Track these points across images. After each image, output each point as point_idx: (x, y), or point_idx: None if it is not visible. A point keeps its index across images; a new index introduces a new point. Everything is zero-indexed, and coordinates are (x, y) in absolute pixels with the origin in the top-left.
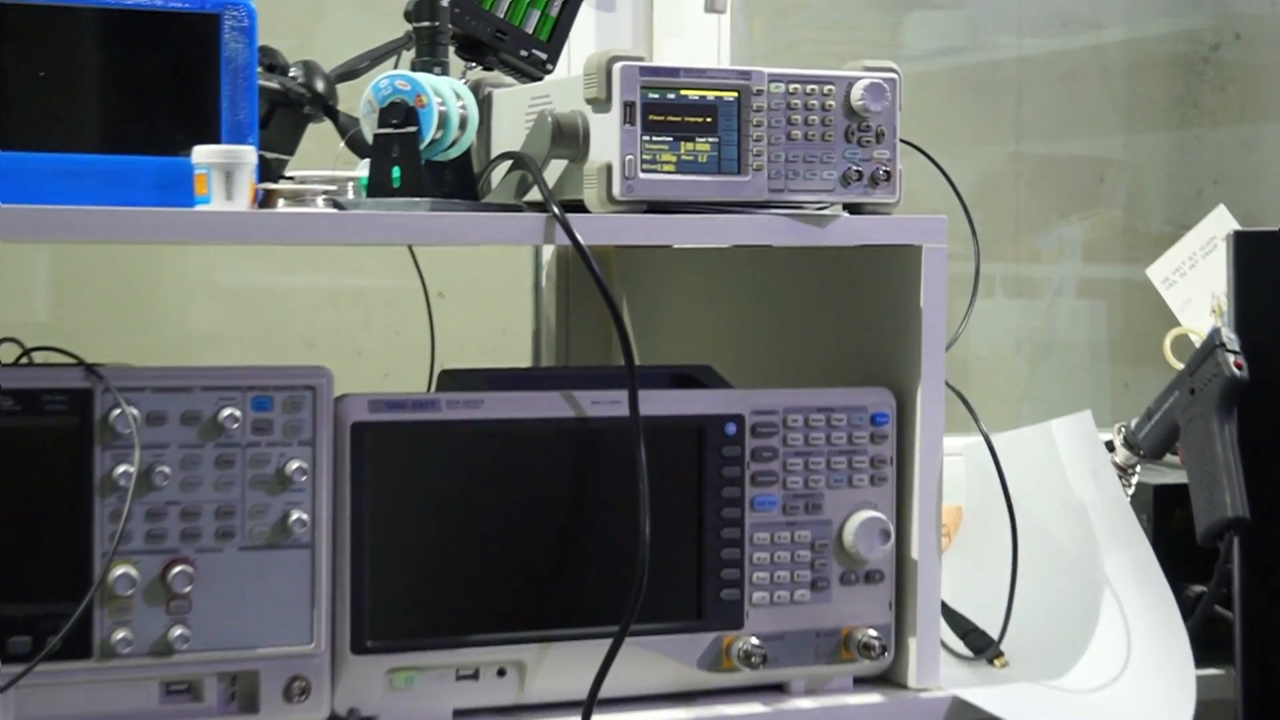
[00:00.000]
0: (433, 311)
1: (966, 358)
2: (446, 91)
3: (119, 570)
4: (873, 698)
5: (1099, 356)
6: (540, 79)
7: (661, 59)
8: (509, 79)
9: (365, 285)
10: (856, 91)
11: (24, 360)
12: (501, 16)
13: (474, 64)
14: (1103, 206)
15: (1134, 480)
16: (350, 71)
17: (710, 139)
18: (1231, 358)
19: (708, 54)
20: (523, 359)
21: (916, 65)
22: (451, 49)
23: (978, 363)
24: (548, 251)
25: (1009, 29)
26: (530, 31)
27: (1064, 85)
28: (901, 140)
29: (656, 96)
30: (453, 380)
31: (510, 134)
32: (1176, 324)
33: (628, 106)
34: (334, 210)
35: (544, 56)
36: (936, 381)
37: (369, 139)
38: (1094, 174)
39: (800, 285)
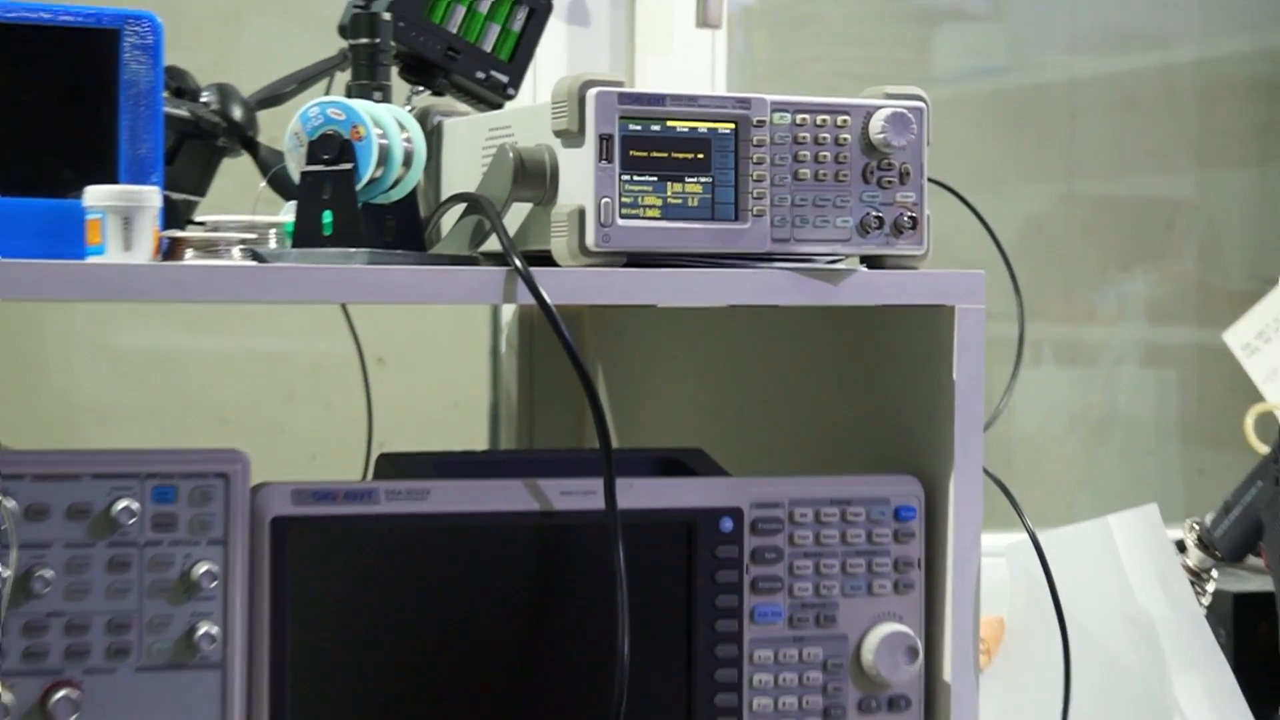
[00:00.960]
0: (370, 382)
1: (1009, 438)
2: (388, 121)
3: None
4: None
5: (1167, 437)
6: (500, 106)
7: (645, 83)
8: (463, 106)
9: (289, 350)
10: (876, 123)
11: None
12: (454, 32)
13: (421, 88)
14: (1171, 257)
15: (1210, 587)
16: (274, 96)
17: (702, 179)
18: None
19: (700, 77)
20: (478, 440)
21: (948, 89)
22: (395, 70)
23: (1023, 444)
24: (508, 312)
25: (1059, 46)
26: (488, 50)
27: (1125, 113)
28: (930, 180)
29: (639, 128)
30: (394, 466)
31: (464, 172)
32: (1260, 399)
33: (604, 140)
34: (253, 263)
35: (504, 79)
36: (973, 467)
37: (295, 177)
38: (1161, 218)
39: (810, 353)
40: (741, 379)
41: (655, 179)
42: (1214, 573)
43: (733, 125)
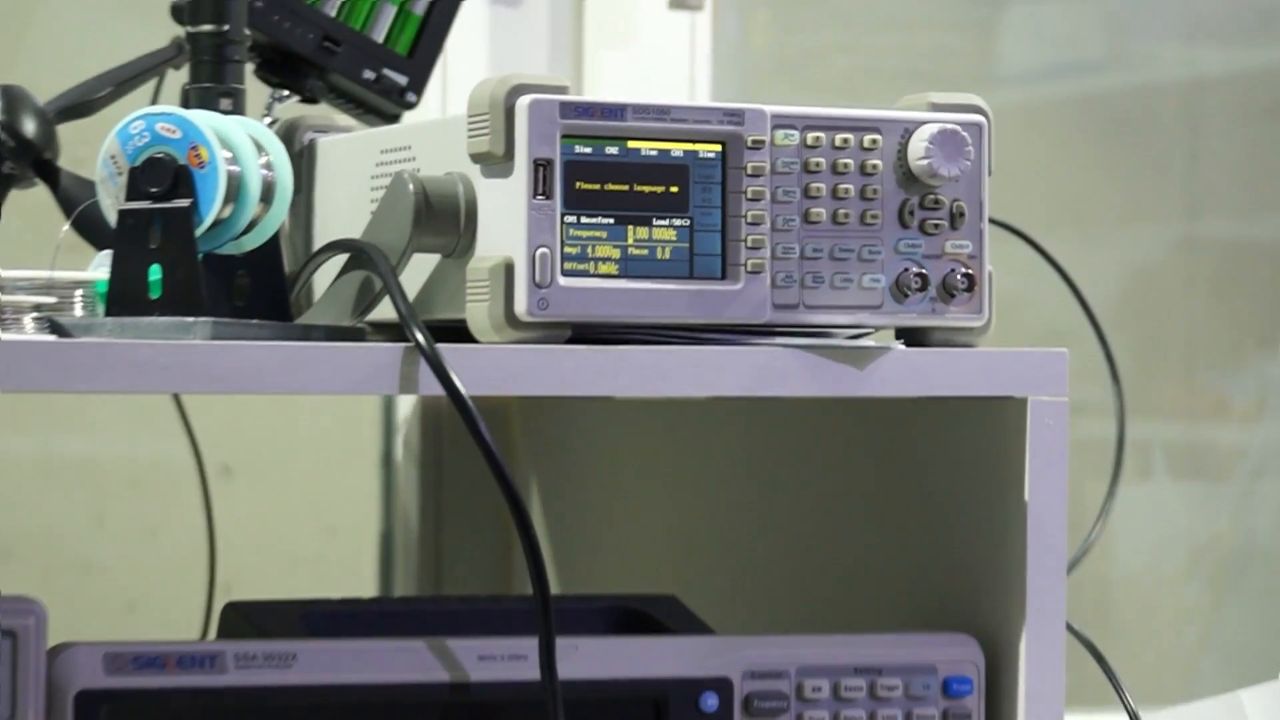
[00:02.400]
0: (213, 500)
1: (1106, 580)
2: (241, 140)
3: None
4: None
5: None
6: (397, 118)
7: (598, 88)
8: (344, 118)
9: (101, 456)
10: (918, 144)
11: None
12: (333, 16)
13: (286, 93)
14: None
15: None
16: (80, 104)
17: (677, 221)
18: None
19: (675, 78)
20: (364, 582)
21: (1020, 92)
22: (250, 68)
23: (1124, 590)
24: (405, 405)
25: (1174, 32)
26: (380, 41)
27: (1266, 125)
28: (994, 222)
29: (589, 151)
30: (246, 619)
31: (346, 210)
32: None
33: (540, 168)
34: (51, 338)
35: (402, 81)
36: (1052, 623)
37: (112, 218)
38: None
39: (826, 463)
40: (730, 499)
41: (612, 221)
42: None
43: (719, 146)
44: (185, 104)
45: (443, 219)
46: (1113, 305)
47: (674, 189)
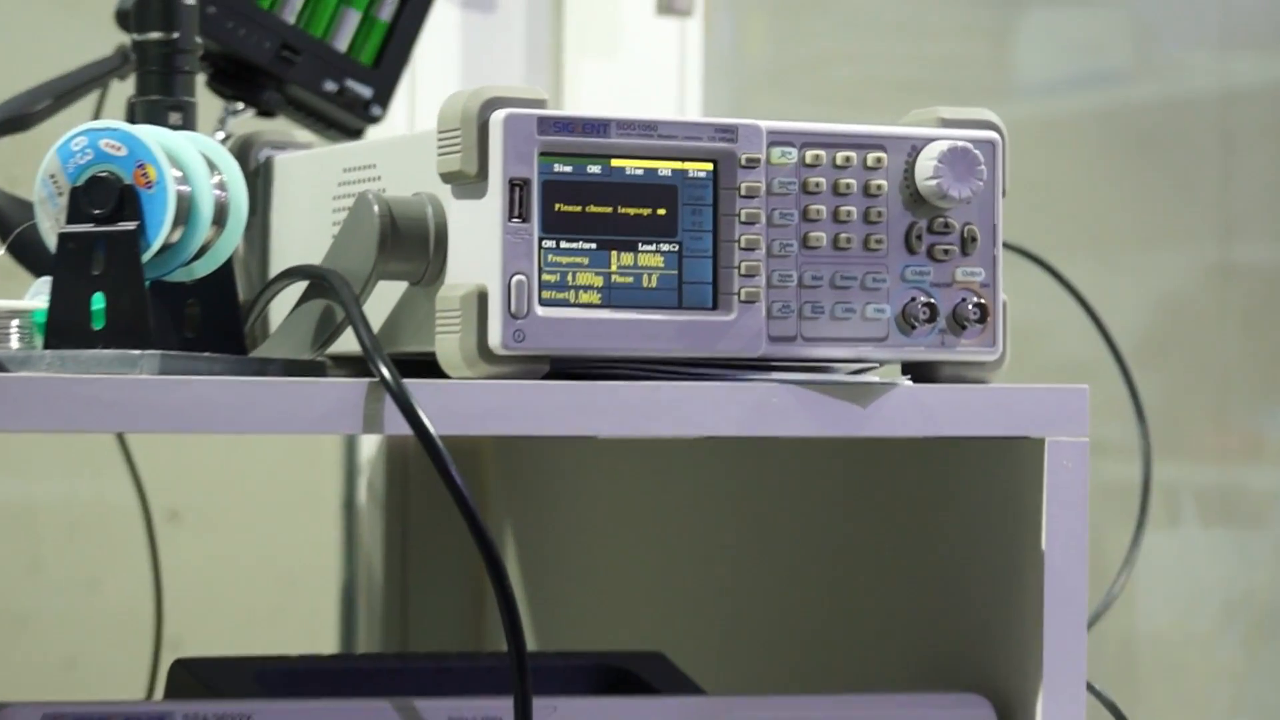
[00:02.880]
0: (159, 548)
1: (1130, 636)
2: (191, 158)
3: None
4: None
5: None
6: (360, 134)
7: (579, 101)
8: (304, 134)
9: (37, 498)
10: (927, 162)
11: None
12: (292, 23)
13: (241, 105)
14: None
15: None
16: (17, 117)
17: (665, 246)
18: None
19: (663, 90)
20: (324, 637)
21: (1039, 105)
22: (202, 79)
23: (1150, 646)
24: (369, 446)
25: (1206, 40)
26: (343, 49)
27: None
28: (1009, 247)
29: (569, 170)
30: (196, 677)
31: (305, 233)
32: None
33: (517, 188)
34: None
35: (367, 94)
36: (1071, 683)
37: (51, 242)
38: None
39: (824, 508)
40: (722, 547)
41: (594, 246)
42: None
43: (711, 165)
44: (131, 118)
45: (410, 243)
46: (1138, 337)
47: (661, 211)
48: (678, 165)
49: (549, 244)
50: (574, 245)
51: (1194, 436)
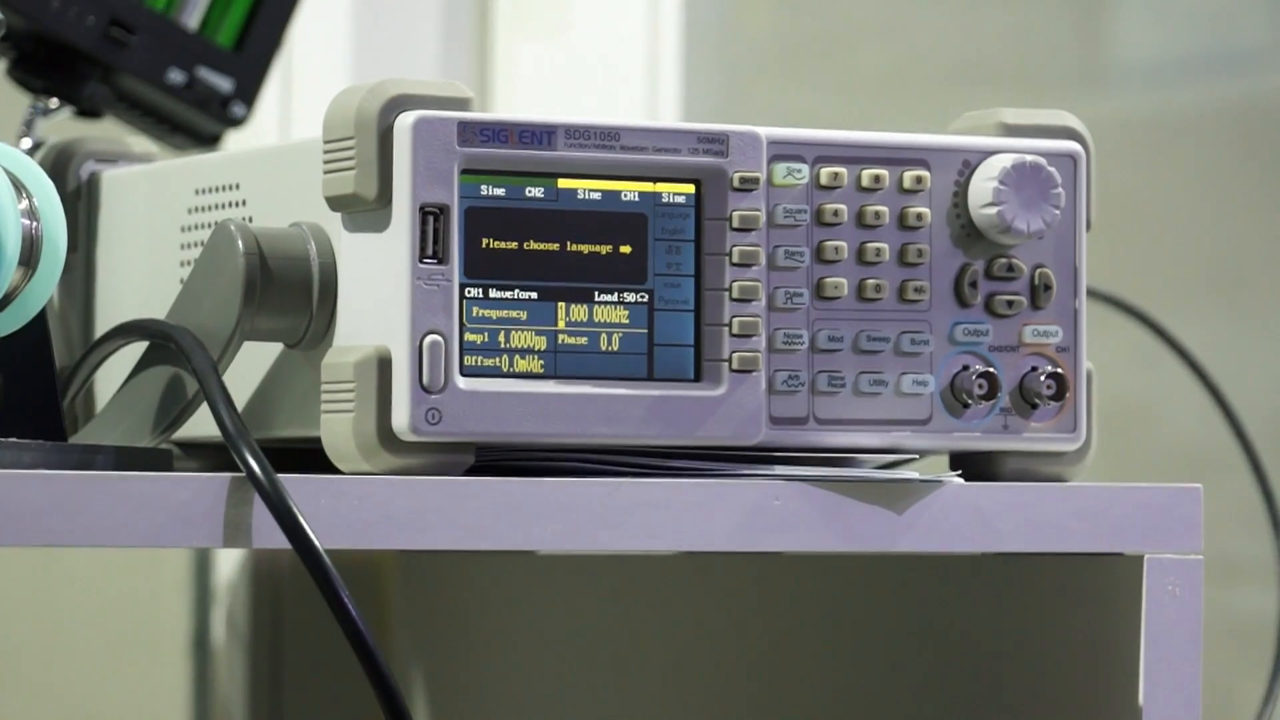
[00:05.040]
0: None
1: None
2: None
3: None
4: None
5: None
6: (216, 140)
7: (514, 100)
8: (140, 141)
9: None
10: (984, 184)
11: None
12: None
13: (55, 102)
14: None
15: None
16: None
17: (631, 295)
18: None
19: (627, 81)
20: None
21: (1138, 99)
22: (0, 66)
23: None
24: (228, 563)
25: None
26: (194, 27)
27: None
28: (1094, 294)
29: (501, 194)
30: None
31: (145, 277)
32: None
33: (431, 218)
34: None
35: (226, 86)
36: None
37: None
38: None
39: (843, 640)
40: (705, 695)
41: (534, 297)
42: None
43: (692, 187)
44: None
45: (286, 292)
46: (1267, 408)
47: (625, 249)
48: (648, 187)
49: (474, 293)
50: (508, 295)
51: None
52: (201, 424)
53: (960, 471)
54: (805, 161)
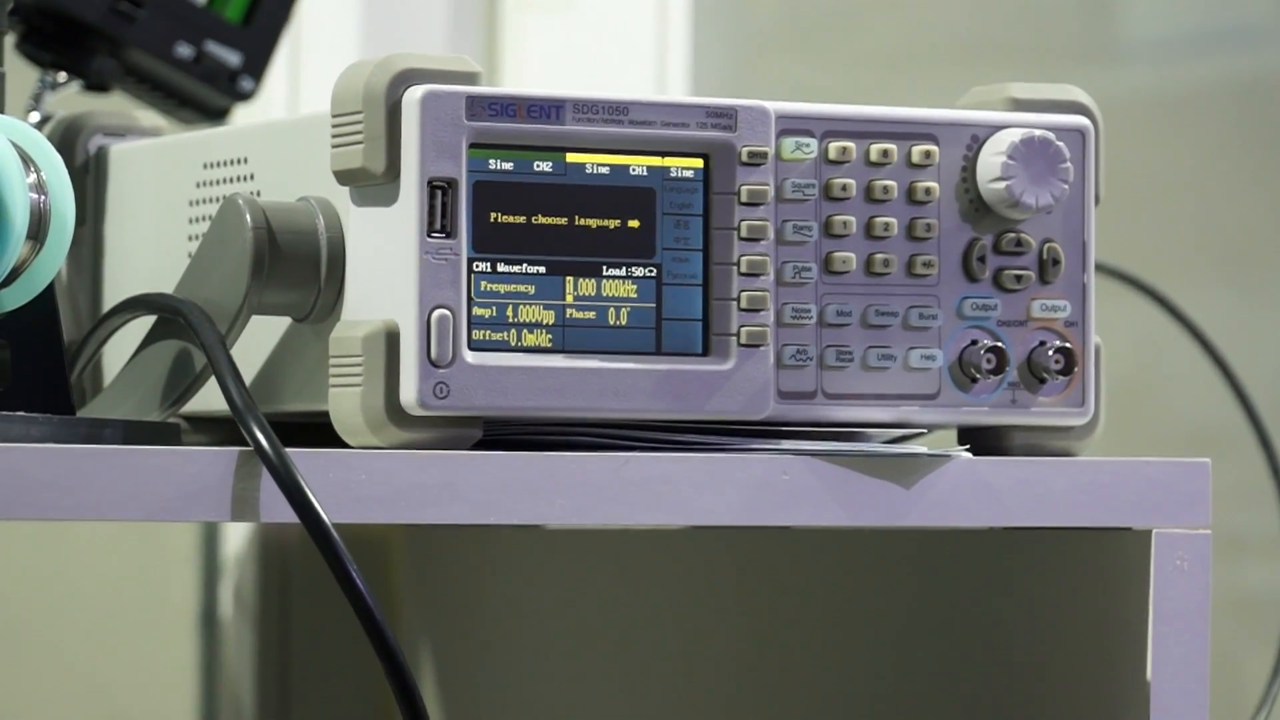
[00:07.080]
0: None
1: None
2: None
3: None
4: None
5: None
6: (225, 115)
7: (522, 75)
8: (149, 115)
9: None
10: (993, 158)
11: None
12: None
13: (63, 76)
14: None
15: None
16: None
17: (639, 269)
18: None
19: (636, 55)
20: None
21: (1146, 74)
22: (9, 41)
23: None
24: (236, 538)
25: None
26: (202, 3)
27: None
28: (1102, 269)
29: (509, 168)
30: None
31: (153, 251)
32: None
33: (439, 193)
34: None
35: (234, 61)
36: None
37: None
38: None
39: (850, 616)
40: (712, 668)
41: (543, 271)
42: None
43: (700, 161)
44: None
45: (294, 266)
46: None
47: (634, 223)
48: (656, 161)
49: (482, 267)
50: (516, 269)
51: None
52: (209, 398)
53: (968, 446)
54: (814, 136)
